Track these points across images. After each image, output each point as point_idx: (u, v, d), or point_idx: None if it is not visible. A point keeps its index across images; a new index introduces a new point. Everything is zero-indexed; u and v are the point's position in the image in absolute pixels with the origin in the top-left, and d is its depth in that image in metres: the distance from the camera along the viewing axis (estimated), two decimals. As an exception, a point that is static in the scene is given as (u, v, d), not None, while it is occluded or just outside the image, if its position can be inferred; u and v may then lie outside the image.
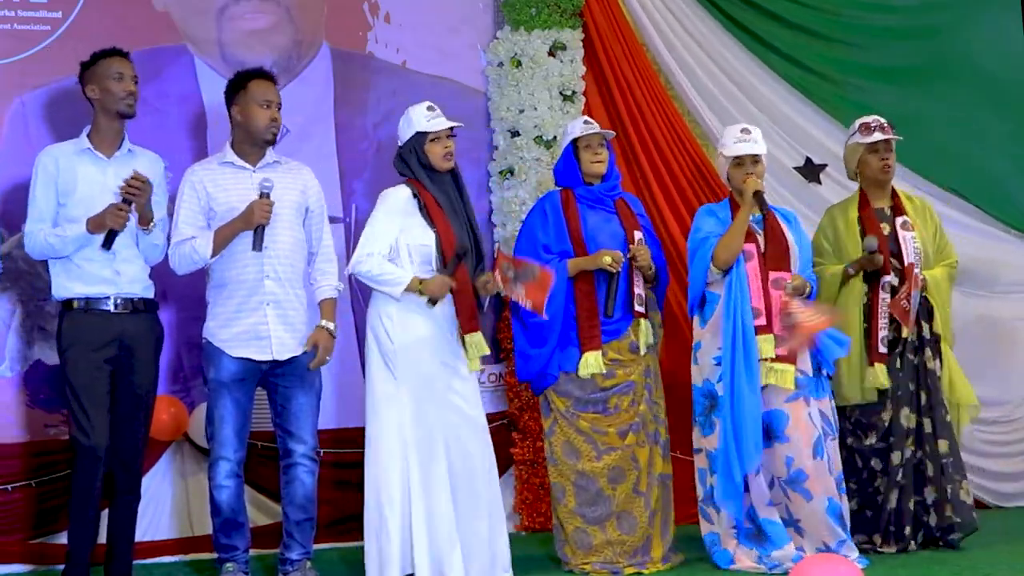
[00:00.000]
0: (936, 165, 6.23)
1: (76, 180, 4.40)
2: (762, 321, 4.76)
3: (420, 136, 4.70)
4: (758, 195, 4.87)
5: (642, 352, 4.92)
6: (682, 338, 6.01)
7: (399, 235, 4.63)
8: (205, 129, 5.61)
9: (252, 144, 4.63)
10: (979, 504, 6.20)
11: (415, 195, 4.68)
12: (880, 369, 5.04)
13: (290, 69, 5.86)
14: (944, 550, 5.07)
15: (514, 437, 5.90)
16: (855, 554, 4.76)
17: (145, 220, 4.42)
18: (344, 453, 5.70)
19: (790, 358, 4.75)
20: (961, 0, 6.75)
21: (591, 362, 4.80)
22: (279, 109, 4.65)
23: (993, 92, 6.66)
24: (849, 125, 6.30)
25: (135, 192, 4.32)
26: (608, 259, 4.78)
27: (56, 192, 4.41)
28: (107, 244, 4.35)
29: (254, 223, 4.47)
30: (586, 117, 5.12)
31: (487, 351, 4.72)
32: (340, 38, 5.96)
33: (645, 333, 4.92)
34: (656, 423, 4.95)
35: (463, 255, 4.62)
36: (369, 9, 6.02)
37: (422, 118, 4.70)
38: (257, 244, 4.47)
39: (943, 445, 5.11)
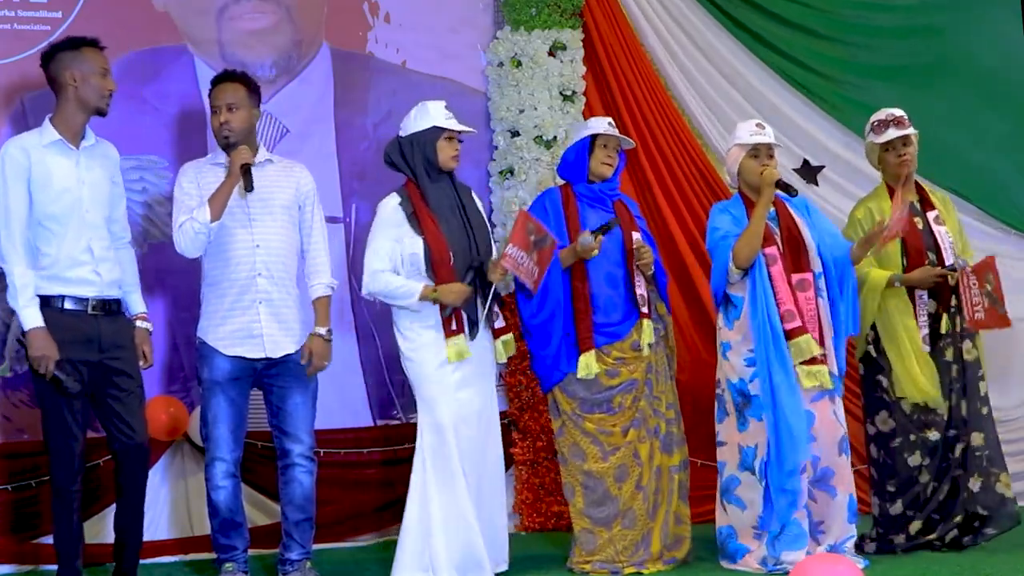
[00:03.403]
0: (936, 165, 6.22)
1: (50, 172, 4.26)
2: (797, 323, 4.73)
3: (435, 131, 4.69)
4: (780, 183, 4.85)
5: (644, 352, 4.92)
6: (683, 341, 6.02)
7: (395, 246, 4.65)
8: (205, 129, 5.59)
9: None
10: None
11: (402, 203, 4.69)
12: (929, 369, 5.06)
13: (290, 69, 5.86)
14: (946, 550, 5.05)
15: (514, 437, 5.90)
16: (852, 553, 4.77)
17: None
18: (344, 453, 5.71)
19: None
20: (961, 0, 6.75)
21: (584, 364, 4.79)
22: (231, 110, 4.57)
23: (993, 92, 6.66)
24: (849, 125, 6.34)
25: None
26: (595, 253, 4.76)
27: (28, 185, 4.24)
28: (249, 185, 4.41)
29: (236, 165, 4.45)
30: (610, 119, 5.11)
31: (512, 352, 4.82)
32: (340, 38, 5.96)
33: (648, 333, 4.91)
34: (656, 417, 4.94)
35: (479, 266, 4.64)
36: (369, 9, 6.02)
37: (441, 115, 4.70)
38: (248, 184, 4.45)
39: (977, 438, 5.06)
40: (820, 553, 4.61)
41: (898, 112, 5.21)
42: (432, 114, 4.69)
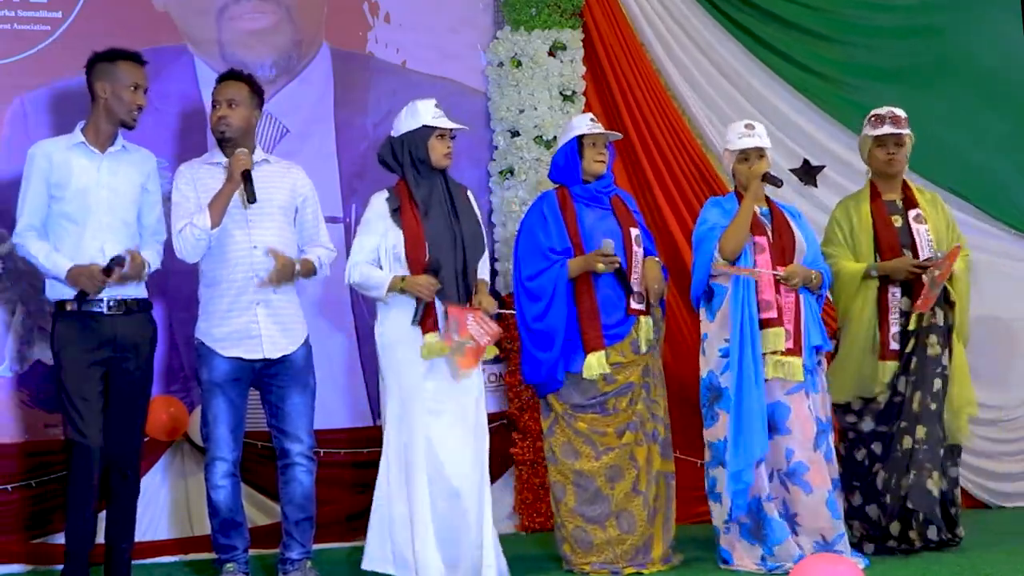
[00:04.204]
0: (936, 165, 6.23)
1: (70, 174, 4.37)
2: (773, 314, 4.75)
3: (426, 130, 4.67)
4: (767, 176, 4.86)
5: (643, 351, 4.91)
6: (680, 338, 6.02)
7: (381, 240, 4.65)
8: (205, 129, 5.58)
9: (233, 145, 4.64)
10: (979, 504, 6.21)
11: (390, 199, 4.69)
12: (890, 367, 5.04)
13: (290, 69, 5.86)
14: (945, 551, 5.05)
15: (514, 437, 5.90)
16: (849, 550, 4.77)
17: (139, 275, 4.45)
18: (344, 453, 5.71)
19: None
20: (961, 0, 6.75)
21: (593, 364, 4.79)
22: (231, 106, 4.59)
23: (993, 92, 6.67)
24: (849, 125, 6.33)
25: (124, 275, 4.34)
26: (601, 266, 4.76)
27: (47, 188, 4.37)
28: (79, 299, 4.33)
29: (236, 172, 4.45)
30: (591, 115, 5.11)
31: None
32: (340, 38, 5.96)
33: (646, 331, 4.91)
34: (654, 421, 4.93)
35: (437, 269, 4.55)
36: (369, 9, 6.03)
37: (430, 113, 4.69)
38: (250, 196, 4.45)
39: (920, 431, 5.01)
40: (820, 553, 4.61)
41: (899, 112, 5.23)
42: (422, 113, 4.68)
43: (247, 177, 4.47)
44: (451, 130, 4.71)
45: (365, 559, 4.61)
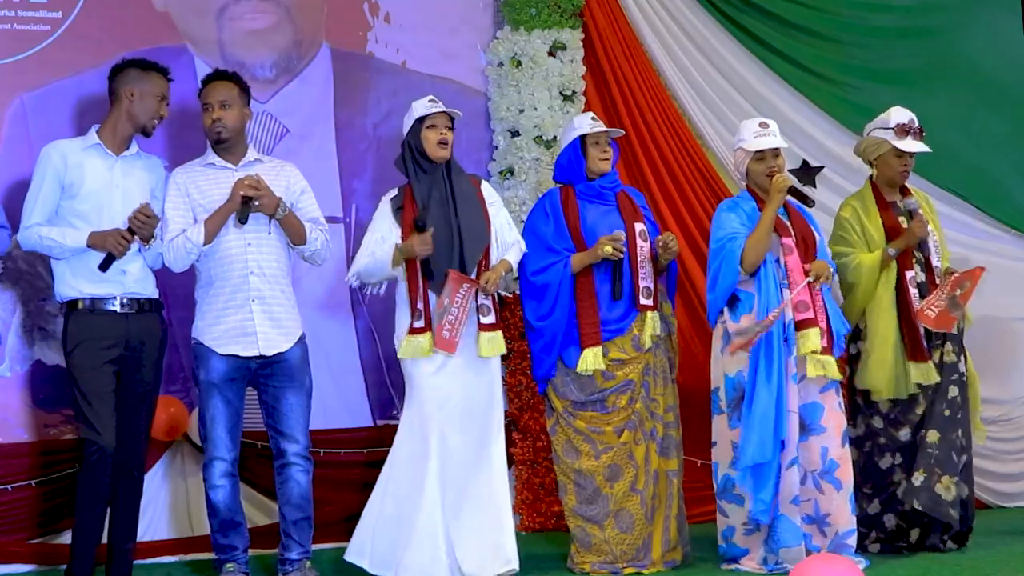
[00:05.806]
0: (936, 165, 6.22)
1: (84, 175, 4.42)
2: (810, 314, 4.70)
3: (418, 123, 4.74)
4: (793, 189, 4.82)
5: (646, 347, 4.87)
6: (679, 339, 6.02)
7: (384, 237, 4.71)
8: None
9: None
10: (980, 504, 6.20)
11: (394, 198, 4.77)
12: (922, 368, 4.99)
13: (290, 69, 5.86)
14: (945, 551, 5.05)
15: (514, 437, 5.90)
16: (852, 548, 4.76)
17: (146, 240, 4.46)
18: (344, 453, 5.71)
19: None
20: (960, 1, 6.75)
21: (590, 359, 4.78)
22: (224, 107, 4.62)
23: (993, 93, 6.67)
24: (849, 125, 6.33)
25: (141, 225, 4.36)
26: (609, 248, 4.74)
27: (60, 188, 4.42)
28: (104, 266, 4.37)
29: (238, 194, 4.47)
30: (592, 113, 5.11)
31: (503, 350, 4.77)
32: (340, 38, 5.96)
33: (651, 326, 4.85)
34: (653, 420, 4.90)
35: (423, 226, 4.57)
36: (369, 9, 6.03)
37: (422, 107, 4.75)
38: (241, 216, 4.47)
39: (932, 435, 5.03)
40: (820, 553, 4.60)
41: (918, 123, 5.20)
42: (414, 110, 4.77)
43: (247, 200, 4.49)
44: (449, 121, 4.75)
45: (348, 551, 4.67)
